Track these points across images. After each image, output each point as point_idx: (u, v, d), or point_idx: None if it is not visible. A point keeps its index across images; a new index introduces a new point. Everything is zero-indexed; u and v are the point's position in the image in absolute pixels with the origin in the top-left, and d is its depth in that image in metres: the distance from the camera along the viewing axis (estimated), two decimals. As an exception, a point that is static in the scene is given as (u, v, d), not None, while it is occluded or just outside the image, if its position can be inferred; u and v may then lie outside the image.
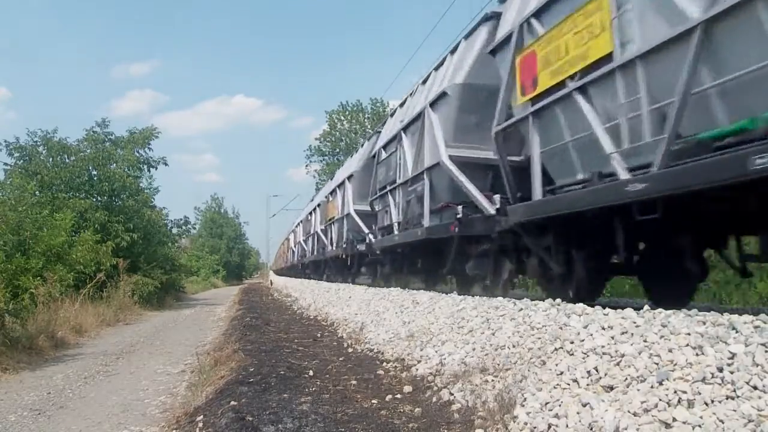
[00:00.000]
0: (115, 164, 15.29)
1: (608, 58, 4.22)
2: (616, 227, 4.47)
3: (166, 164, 17.12)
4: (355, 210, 13.26)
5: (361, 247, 12.23)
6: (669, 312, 2.85)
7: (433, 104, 7.97)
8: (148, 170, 16.96)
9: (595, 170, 4.45)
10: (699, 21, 3.40)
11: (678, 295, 5.19)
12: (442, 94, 7.67)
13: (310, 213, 21.85)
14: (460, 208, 6.97)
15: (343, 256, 13.96)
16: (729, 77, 3.33)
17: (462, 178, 7.01)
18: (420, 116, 8.48)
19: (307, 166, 47.56)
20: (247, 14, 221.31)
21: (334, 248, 15.81)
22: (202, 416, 3.31)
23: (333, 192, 16.33)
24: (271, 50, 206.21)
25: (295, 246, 29.72)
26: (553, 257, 5.27)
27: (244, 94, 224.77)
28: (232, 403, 3.32)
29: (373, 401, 3.40)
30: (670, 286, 5.28)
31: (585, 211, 4.46)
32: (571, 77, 4.68)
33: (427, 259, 9.00)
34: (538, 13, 5.27)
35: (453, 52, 8.11)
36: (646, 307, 3.12)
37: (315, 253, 20.19)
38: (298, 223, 27.79)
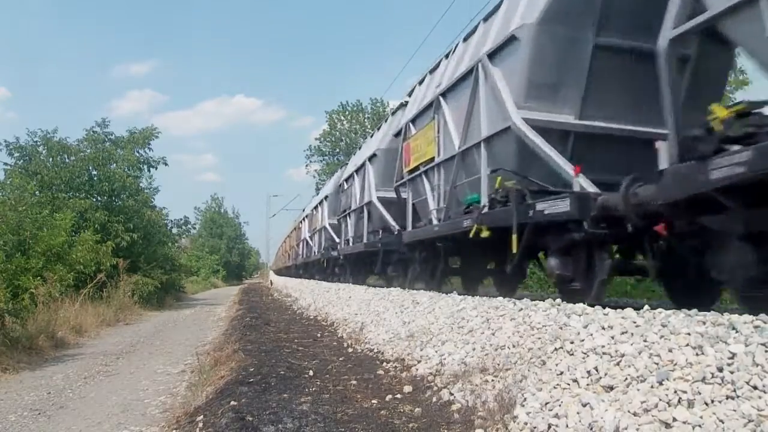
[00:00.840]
0: (115, 164, 15.29)
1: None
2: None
3: (166, 164, 17.13)
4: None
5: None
6: (669, 312, 2.85)
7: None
8: (148, 170, 16.97)
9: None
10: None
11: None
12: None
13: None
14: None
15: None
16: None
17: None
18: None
19: (307, 166, 47.60)
20: (247, 14, 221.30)
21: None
22: (202, 416, 3.31)
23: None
24: (271, 50, 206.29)
25: (298, 244, 28.63)
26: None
27: (244, 94, 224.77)
28: (232, 403, 3.32)
29: (373, 401, 3.40)
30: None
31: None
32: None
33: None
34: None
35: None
36: (646, 307, 3.12)
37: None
38: (303, 219, 26.44)
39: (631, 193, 4.07)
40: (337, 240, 16.02)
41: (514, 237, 5.22)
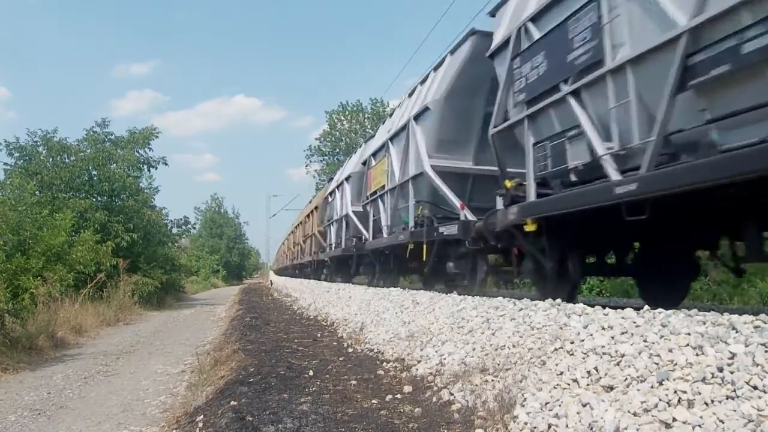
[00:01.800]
0: (115, 164, 15.28)
1: (383, 187, 10.20)
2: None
3: (166, 164, 17.13)
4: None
5: (322, 256, 18.59)
6: (669, 312, 2.85)
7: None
8: (148, 170, 16.98)
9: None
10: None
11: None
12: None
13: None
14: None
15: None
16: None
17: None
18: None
19: (307, 166, 47.68)
20: (248, 14, 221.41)
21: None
22: (202, 416, 3.31)
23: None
24: (271, 50, 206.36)
25: (295, 246, 28.71)
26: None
27: (244, 94, 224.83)
28: (232, 403, 3.32)
29: (373, 401, 3.40)
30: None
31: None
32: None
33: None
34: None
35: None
36: (646, 307, 3.12)
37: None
38: (298, 225, 27.44)
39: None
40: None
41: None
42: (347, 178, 14.52)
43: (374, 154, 11.74)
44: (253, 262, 77.43)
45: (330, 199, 17.36)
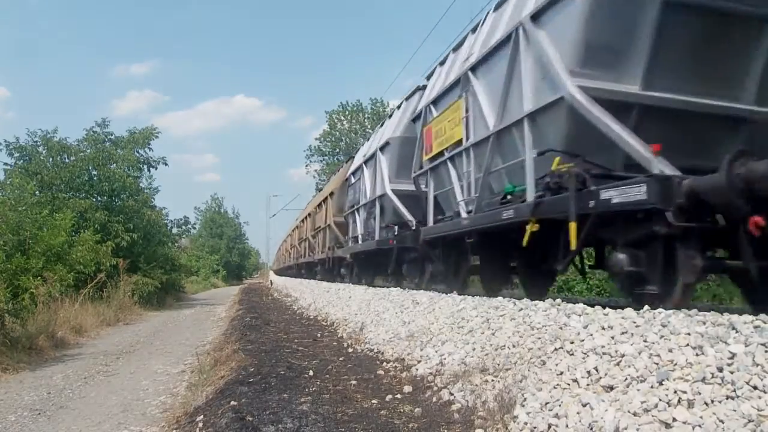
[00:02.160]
0: (115, 164, 15.29)
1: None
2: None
3: (166, 164, 17.15)
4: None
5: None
6: (669, 312, 2.85)
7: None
8: (148, 170, 17.00)
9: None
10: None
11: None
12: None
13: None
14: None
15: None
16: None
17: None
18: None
19: (307, 166, 47.70)
20: (247, 14, 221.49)
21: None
22: (202, 416, 3.31)
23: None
24: (271, 50, 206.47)
25: (300, 243, 25.03)
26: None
27: (244, 94, 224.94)
28: (232, 403, 3.32)
29: (373, 401, 3.40)
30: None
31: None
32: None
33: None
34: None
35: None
36: (646, 307, 3.12)
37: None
38: (305, 217, 23.37)
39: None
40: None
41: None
42: (383, 147, 10.79)
43: (436, 101, 7.85)
44: (253, 262, 77.48)
45: (353, 180, 13.83)
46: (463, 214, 6.71)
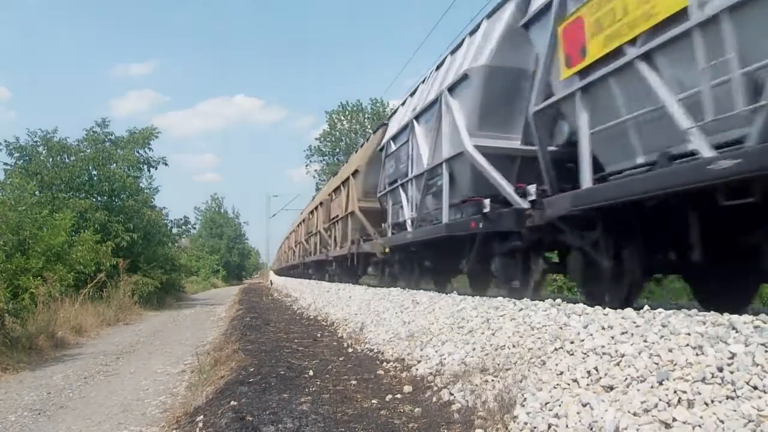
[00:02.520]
0: (115, 164, 15.30)
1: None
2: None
3: (166, 164, 17.14)
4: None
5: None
6: (669, 312, 2.85)
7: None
8: (148, 170, 16.98)
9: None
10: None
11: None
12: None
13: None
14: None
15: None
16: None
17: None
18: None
19: (307, 166, 47.74)
20: (248, 14, 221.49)
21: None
22: (202, 416, 3.31)
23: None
24: (271, 50, 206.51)
25: (308, 238, 21.44)
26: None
27: (244, 94, 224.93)
28: (232, 403, 3.32)
29: (373, 401, 3.40)
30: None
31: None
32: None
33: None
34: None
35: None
36: (646, 307, 3.12)
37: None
38: (317, 206, 19.46)
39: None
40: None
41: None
42: (454, 87, 7.12)
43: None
44: (253, 262, 77.44)
45: (393, 148, 10.15)
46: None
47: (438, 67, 8.48)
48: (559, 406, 2.50)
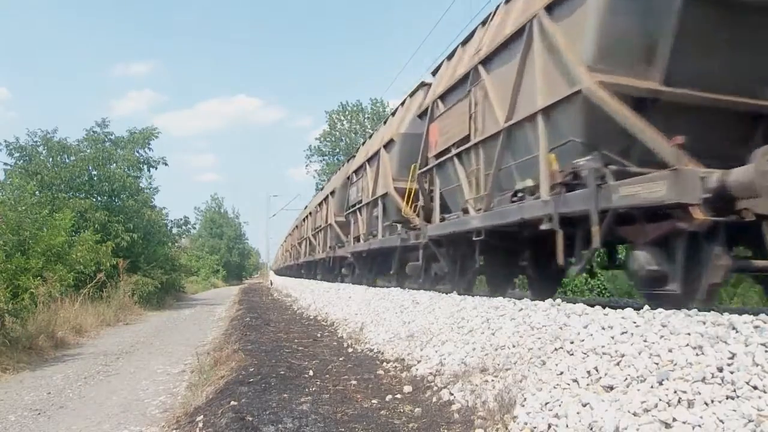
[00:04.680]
0: (115, 164, 15.31)
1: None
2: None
3: (165, 164, 17.15)
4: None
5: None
6: (669, 312, 2.86)
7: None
8: (148, 170, 16.98)
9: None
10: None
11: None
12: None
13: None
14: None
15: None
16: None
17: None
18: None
19: (307, 166, 47.87)
20: (247, 14, 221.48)
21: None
22: (202, 416, 3.31)
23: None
24: (271, 50, 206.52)
25: (315, 234, 19.29)
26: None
27: (244, 94, 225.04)
28: (232, 403, 3.32)
29: (373, 401, 3.40)
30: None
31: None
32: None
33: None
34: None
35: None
36: (646, 307, 3.12)
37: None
38: (328, 196, 17.24)
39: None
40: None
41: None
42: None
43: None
44: (253, 262, 77.47)
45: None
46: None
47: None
48: (559, 406, 2.50)
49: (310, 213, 19.83)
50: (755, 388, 1.96)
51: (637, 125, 4.14)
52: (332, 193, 16.46)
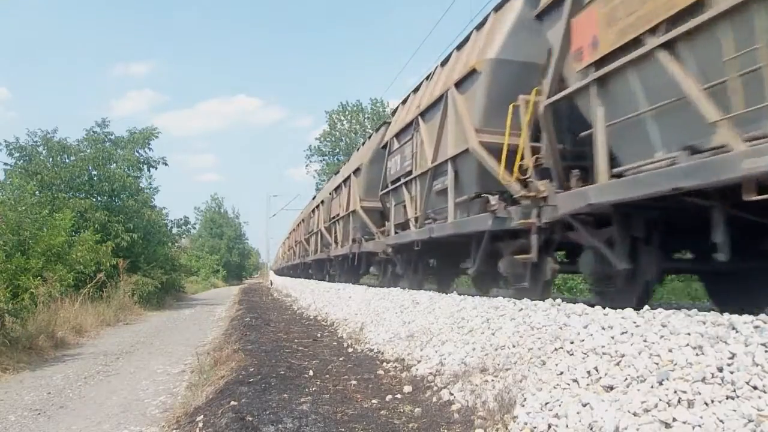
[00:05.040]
0: (115, 164, 15.31)
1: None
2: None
3: (165, 164, 17.15)
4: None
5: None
6: (669, 312, 2.86)
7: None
8: (148, 170, 16.99)
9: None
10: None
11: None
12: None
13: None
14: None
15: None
16: None
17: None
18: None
19: (307, 166, 47.83)
20: (247, 14, 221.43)
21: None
22: (202, 416, 3.31)
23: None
24: (271, 50, 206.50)
25: (330, 226, 16.10)
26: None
27: (244, 94, 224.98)
28: (232, 403, 3.32)
29: (373, 401, 3.40)
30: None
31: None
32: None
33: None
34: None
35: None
36: (646, 307, 3.12)
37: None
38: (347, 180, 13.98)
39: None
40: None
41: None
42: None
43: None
44: (253, 262, 77.43)
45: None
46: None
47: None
48: (559, 406, 2.50)
49: (323, 201, 16.55)
50: (755, 388, 1.96)
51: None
52: (357, 171, 12.66)
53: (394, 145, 9.98)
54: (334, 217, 15.37)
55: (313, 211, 20.04)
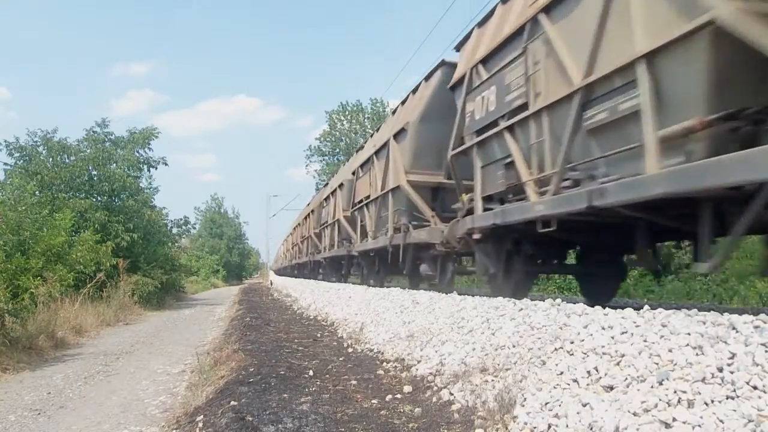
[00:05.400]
0: (115, 164, 15.31)
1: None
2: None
3: (166, 164, 17.16)
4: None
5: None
6: (669, 312, 2.85)
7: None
8: (148, 170, 16.99)
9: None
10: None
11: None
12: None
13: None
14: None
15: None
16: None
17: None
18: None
19: (307, 166, 47.86)
20: (247, 14, 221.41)
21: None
22: (202, 416, 3.31)
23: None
24: (271, 50, 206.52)
25: (334, 224, 14.60)
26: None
27: (244, 94, 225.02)
28: (232, 403, 3.32)
29: (373, 401, 3.40)
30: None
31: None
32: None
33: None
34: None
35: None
36: (646, 307, 3.12)
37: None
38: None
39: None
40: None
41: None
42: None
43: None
44: (253, 262, 77.46)
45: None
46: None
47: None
48: (559, 406, 2.50)
49: (341, 184, 13.76)
50: (755, 388, 1.96)
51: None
52: (400, 134, 9.29)
53: (482, 75, 6.33)
54: (360, 201, 12.01)
55: (326, 198, 16.33)
